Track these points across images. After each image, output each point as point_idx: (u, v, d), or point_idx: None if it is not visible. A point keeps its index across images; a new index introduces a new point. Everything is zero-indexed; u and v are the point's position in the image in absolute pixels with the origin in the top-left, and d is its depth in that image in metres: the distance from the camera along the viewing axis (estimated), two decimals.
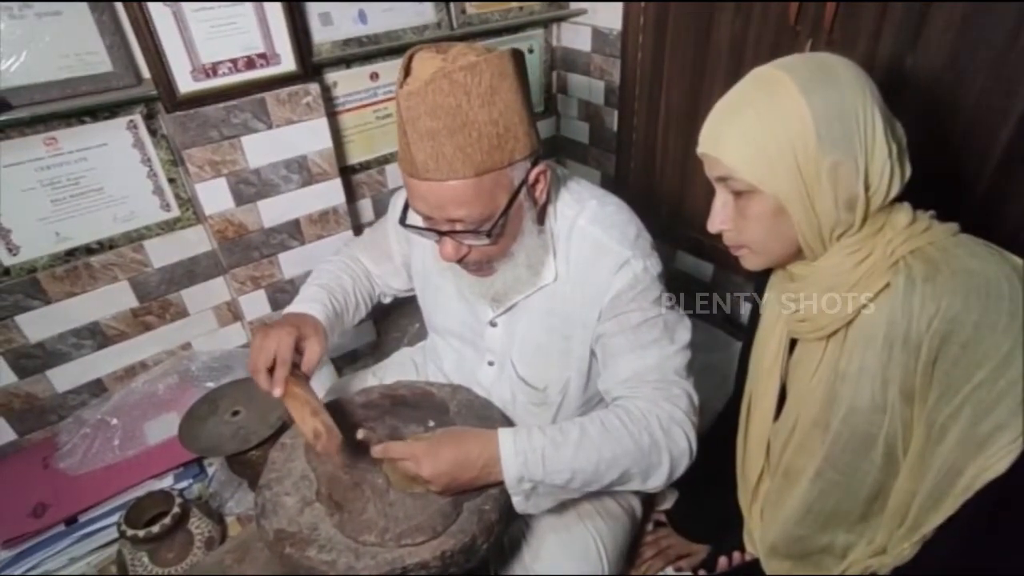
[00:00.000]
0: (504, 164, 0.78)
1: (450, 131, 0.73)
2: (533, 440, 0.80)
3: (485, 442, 0.81)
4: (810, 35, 1.17)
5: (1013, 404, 0.58)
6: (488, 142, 0.75)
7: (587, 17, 1.68)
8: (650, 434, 0.82)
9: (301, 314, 1.00)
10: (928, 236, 0.67)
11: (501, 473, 0.80)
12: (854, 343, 0.71)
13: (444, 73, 0.72)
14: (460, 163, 0.75)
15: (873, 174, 0.66)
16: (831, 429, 0.74)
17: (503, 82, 0.75)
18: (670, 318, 0.90)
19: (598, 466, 0.80)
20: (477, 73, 0.73)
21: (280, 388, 0.88)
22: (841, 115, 0.64)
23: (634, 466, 0.82)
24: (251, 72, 1.21)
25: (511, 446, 0.80)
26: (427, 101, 0.72)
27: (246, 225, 1.33)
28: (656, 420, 0.83)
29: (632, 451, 0.81)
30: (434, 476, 0.80)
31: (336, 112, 1.43)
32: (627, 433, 0.82)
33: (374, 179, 1.59)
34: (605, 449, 0.81)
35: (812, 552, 0.81)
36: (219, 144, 1.23)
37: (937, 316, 0.61)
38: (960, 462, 0.62)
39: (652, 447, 0.82)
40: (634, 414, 0.84)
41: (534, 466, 0.79)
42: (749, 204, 0.71)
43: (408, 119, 0.74)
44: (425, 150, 0.75)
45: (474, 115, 0.74)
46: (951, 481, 0.63)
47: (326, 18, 1.32)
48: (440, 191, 0.77)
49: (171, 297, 1.40)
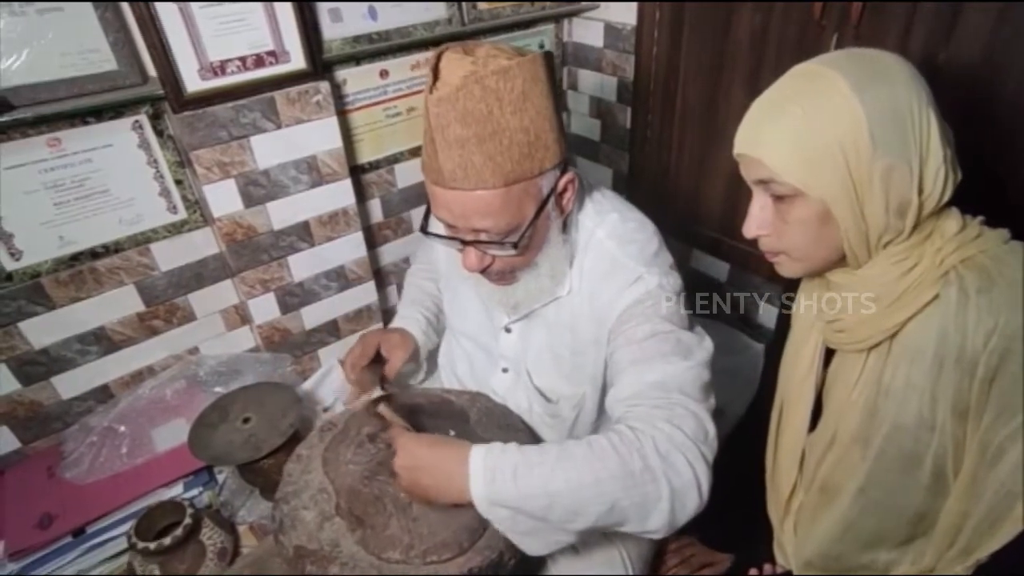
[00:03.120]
0: (534, 174, 0.75)
1: (480, 139, 0.70)
2: (506, 456, 0.72)
3: (458, 452, 0.75)
4: (836, 30, 1.14)
5: None
6: (519, 150, 0.72)
7: (599, 12, 1.64)
8: (643, 457, 0.70)
9: (397, 328, 1.14)
10: (979, 244, 0.64)
11: (467, 488, 0.72)
12: (899, 357, 0.68)
13: (476, 78, 0.68)
14: (489, 172, 0.72)
15: (927, 179, 0.62)
16: (873, 446, 0.71)
17: (535, 87, 0.72)
18: (685, 336, 0.82)
19: (580, 492, 0.69)
20: (510, 78, 0.69)
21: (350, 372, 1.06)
22: (896, 115, 0.61)
23: (624, 496, 0.69)
24: (260, 70, 1.17)
25: (480, 460, 0.72)
26: (457, 108, 0.69)
27: (255, 227, 1.29)
28: (651, 442, 0.71)
29: (619, 476, 0.69)
30: (401, 468, 0.78)
31: (345, 111, 1.40)
32: (615, 454, 0.70)
33: (383, 179, 1.55)
34: (587, 471, 0.69)
35: (852, 569, 0.79)
36: (228, 145, 1.19)
37: (996, 332, 0.58)
38: (1020, 486, 0.59)
39: (645, 473, 0.69)
40: (626, 435, 0.72)
41: (503, 486, 0.70)
42: (791, 209, 0.67)
43: (437, 126, 0.71)
44: (453, 159, 0.71)
45: (506, 122, 0.70)
46: (1010, 505, 0.60)
47: (336, 14, 1.28)
48: (466, 201, 0.74)
49: (178, 301, 1.37)
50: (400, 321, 1.19)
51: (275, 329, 1.43)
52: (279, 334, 1.44)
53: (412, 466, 0.77)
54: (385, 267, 1.65)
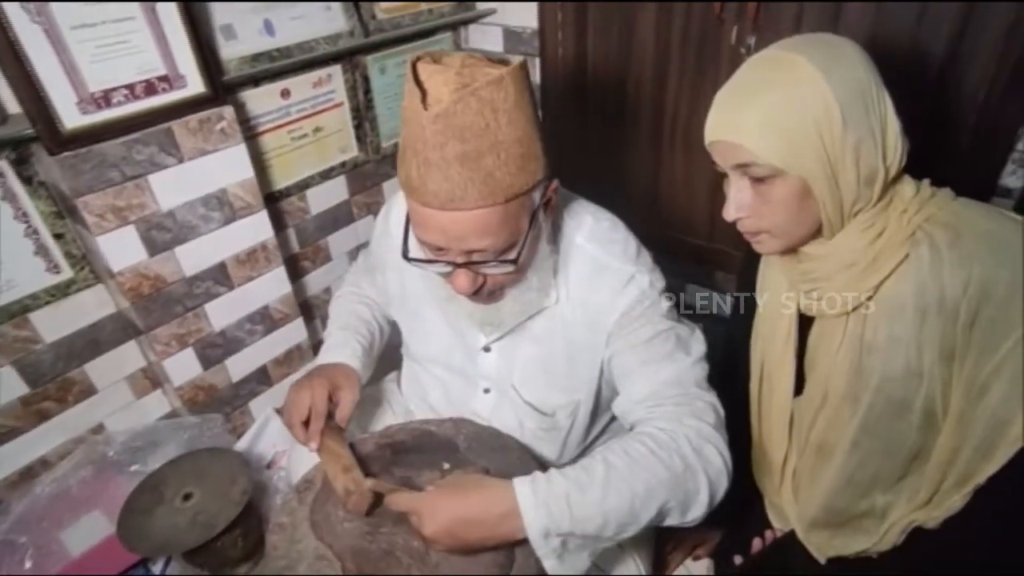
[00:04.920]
0: (529, 186, 0.72)
1: (479, 154, 0.66)
2: (554, 486, 0.70)
3: (498, 494, 0.71)
4: (735, 23, 1.23)
5: None
6: (515, 163, 0.68)
7: (497, 17, 1.63)
8: (682, 457, 0.73)
9: (333, 364, 0.96)
10: (937, 203, 0.70)
11: (521, 529, 0.69)
12: (879, 315, 0.73)
13: (471, 90, 0.64)
14: (489, 189, 0.68)
15: (889, 148, 0.68)
16: (863, 401, 0.77)
17: (523, 96, 0.69)
18: (681, 331, 0.86)
19: (632, 504, 0.70)
20: (503, 88, 0.66)
21: (315, 442, 0.87)
22: (859, 93, 0.66)
23: (671, 498, 0.72)
24: (152, 98, 1.02)
25: (531, 496, 0.69)
26: (454, 123, 0.64)
27: (164, 277, 1.13)
28: (686, 440, 0.75)
29: (666, 480, 0.72)
30: (434, 536, 0.71)
31: (249, 136, 1.27)
32: (657, 460, 0.72)
33: (295, 207, 1.43)
34: (637, 482, 0.71)
35: (853, 518, 0.84)
36: (122, 186, 1.03)
37: (971, 280, 0.64)
38: (1008, 413, 0.66)
39: (687, 472, 0.73)
40: (660, 438, 0.75)
41: (560, 515, 0.69)
42: (772, 189, 0.71)
43: (434, 144, 0.65)
44: (452, 178, 0.66)
45: (502, 134, 0.67)
46: (1001, 432, 0.67)
47: (229, 31, 1.16)
48: (465, 221, 0.69)
49: (72, 374, 1.16)
50: (334, 352, 1.01)
51: (198, 388, 1.26)
52: (203, 392, 1.28)
53: (449, 527, 0.70)
54: (309, 300, 1.53)
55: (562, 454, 1.00)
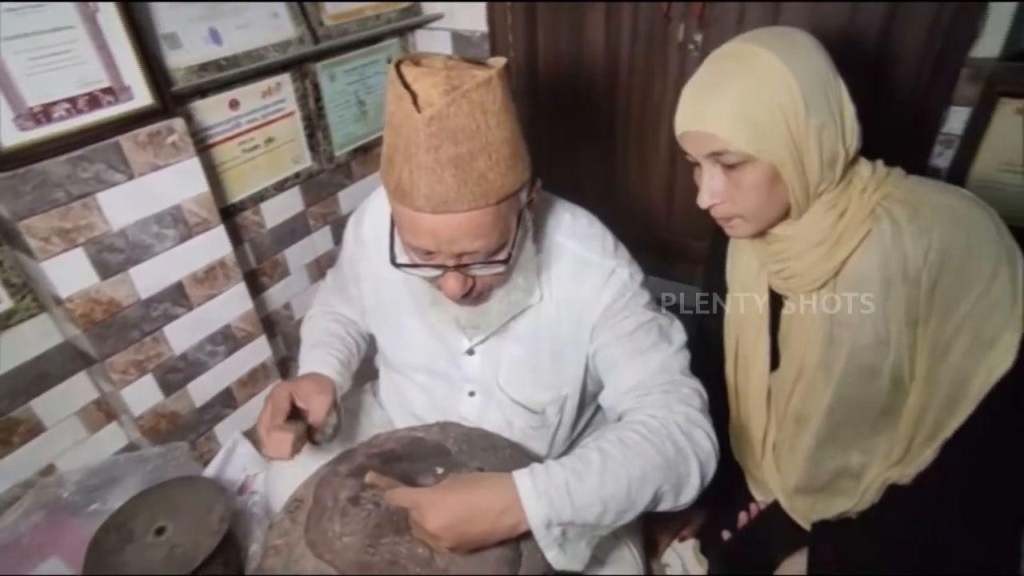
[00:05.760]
0: (518, 186, 0.72)
1: (471, 156, 0.66)
2: (553, 476, 0.71)
3: (499, 486, 0.71)
4: (682, 21, 1.28)
5: (1006, 308, 0.69)
6: (505, 164, 0.69)
7: (444, 22, 1.63)
8: (673, 442, 0.76)
9: (303, 374, 0.93)
10: (892, 181, 0.76)
11: (523, 520, 0.70)
12: (847, 289, 0.78)
13: (462, 92, 0.64)
14: (482, 191, 0.68)
15: (847, 131, 0.73)
16: (835, 370, 0.81)
17: (508, 97, 0.69)
18: (662, 321, 0.88)
19: (629, 489, 0.72)
20: (492, 89, 0.66)
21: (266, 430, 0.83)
22: (819, 81, 0.70)
23: (665, 481, 0.74)
24: (97, 112, 0.97)
25: (531, 487, 0.70)
26: (448, 125, 0.64)
27: (118, 300, 1.07)
28: (676, 426, 0.77)
29: (660, 464, 0.74)
30: (440, 530, 0.70)
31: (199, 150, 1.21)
32: (650, 446, 0.75)
33: (250, 220, 1.38)
34: (632, 468, 0.73)
35: (831, 480, 0.89)
36: (68, 207, 0.96)
37: (931, 249, 0.70)
38: (970, 369, 0.71)
39: (678, 456, 0.75)
40: (652, 424, 0.77)
41: (560, 504, 0.70)
42: (743, 175, 0.74)
43: (428, 147, 0.65)
44: (445, 180, 0.66)
45: (492, 136, 0.67)
46: (963, 387, 0.72)
47: (172, 40, 1.11)
48: (458, 224, 0.69)
49: (16, 413, 1.08)
50: (308, 367, 0.98)
51: (159, 416, 1.20)
52: (165, 420, 1.21)
53: (451, 523, 0.70)
54: (270, 316, 1.47)
55: (550, 450, 1.00)
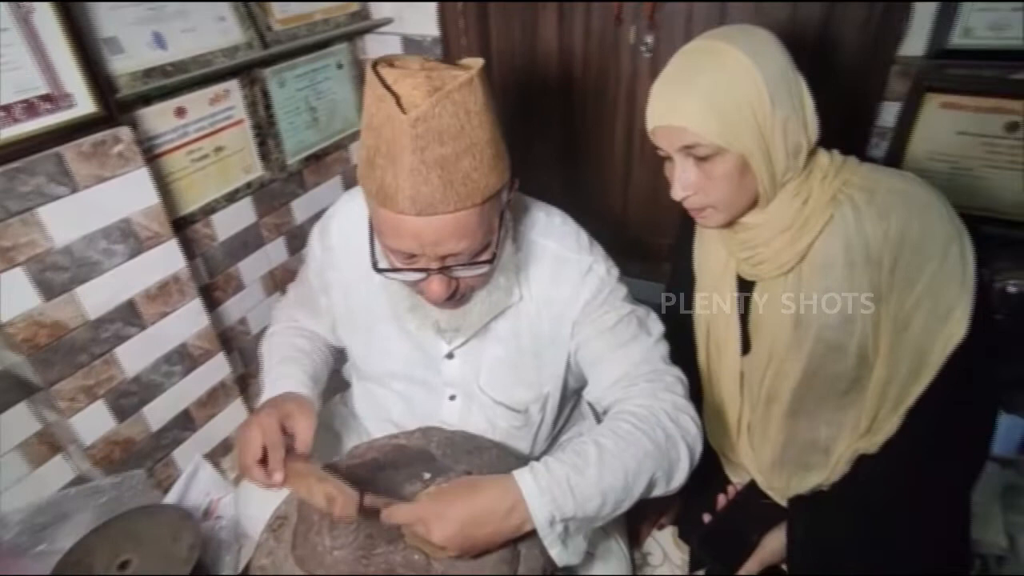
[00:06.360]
0: (500, 186, 0.72)
1: (456, 157, 0.65)
2: (554, 472, 0.72)
3: (501, 488, 0.71)
4: (633, 23, 1.32)
5: (958, 282, 0.74)
6: (488, 164, 0.69)
7: (395, 26, 1.62)
8: (663, 429, 0.78)
9: (279, 395, 0.86)
10: (850, 169, 0.81)
11: (528, 519, 0.70)
12: (813, 272, 0.82)
13: (445, 92, 0.63)
14: (467, 191, 0.67)
15: (808, 123, 0.77)
16: (804, 349, 0.86)
17: (488, 97, 0.69)
18: (640, 313, 0.90)
19: (626, 479, 0.74)
20: (474, 90, 0.66)
21: (280, 473, 0.77)
22: (782, 76, 0.74)
23: (658, 468, 0.76)
24: (35, 120, 0.90)
25: (533, 485, 0.71)
26: (433, 126, 0.63)
27: (63, 322, 1.00)
28: (664, 414, 0.79)
29: (652, 452, 0.76)
30: (447, 539, 0.70)
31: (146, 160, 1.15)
32: (643, 435, 0.76)
33: (201, 233, 1.32)
34: (627, 458, 0.74)
35: (801, 453, 0.93)
36: (6, 224, 0.90)
37: (890, 230, 0.75)
38: (928, 341, 0.77)
39: (668, 442, 0.78)
40: (641, 414, 0.79)
41: (563, 500, 0.71)
42: (715, 166, 0.77)
43: (414, 149, 0.64)
44: (431, 182, 0.65)
45: (476, 136, 0.67)
46: (924, 358, 0.78)
47: (113, 44, 1.05)
48: (444, 225, 0.68)
49: None
50: (278, 385, 0.91)
51: (112, 444, 1.12)
52: (119, 448, 1.14)
53: (458, 531, 0.69)
54: (226, 332, 1.41)
55: (533, 448, 1.01)
